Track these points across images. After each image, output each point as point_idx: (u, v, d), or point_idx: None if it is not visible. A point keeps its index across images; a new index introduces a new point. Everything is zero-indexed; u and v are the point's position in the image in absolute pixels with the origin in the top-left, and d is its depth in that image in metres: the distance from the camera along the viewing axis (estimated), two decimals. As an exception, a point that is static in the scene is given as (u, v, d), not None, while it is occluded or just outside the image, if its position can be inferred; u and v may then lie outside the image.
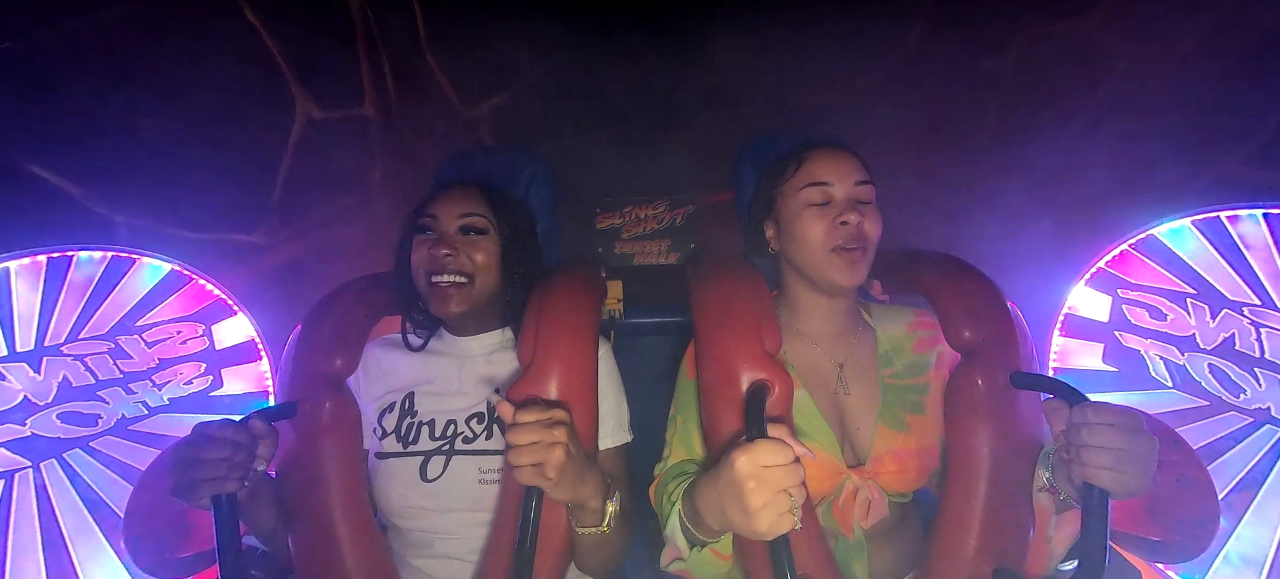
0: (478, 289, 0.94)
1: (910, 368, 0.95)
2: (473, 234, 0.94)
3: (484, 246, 0.94)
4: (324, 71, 1.44)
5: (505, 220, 0.97)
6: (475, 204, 0.96)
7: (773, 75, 1.67)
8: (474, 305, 0.94)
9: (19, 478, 1.07)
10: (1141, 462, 0.68)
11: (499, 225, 0.96)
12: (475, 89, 1.63)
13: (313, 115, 1.43)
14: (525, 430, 0.71)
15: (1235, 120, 1.33)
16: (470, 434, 0.93)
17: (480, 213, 0.95)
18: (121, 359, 1.17)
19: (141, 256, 1.20)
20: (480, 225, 0.95)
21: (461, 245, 0.93)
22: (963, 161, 1.65)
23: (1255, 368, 1.12)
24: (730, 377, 0.85)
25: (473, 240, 0.94)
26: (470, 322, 0.99)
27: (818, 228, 0.89)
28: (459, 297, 0.92)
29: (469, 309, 0.94)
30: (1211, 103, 1.36)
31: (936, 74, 1.60)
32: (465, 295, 0.93)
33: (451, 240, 0.93)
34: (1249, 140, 1.32)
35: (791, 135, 1.09)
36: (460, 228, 0.94)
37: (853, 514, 0.87)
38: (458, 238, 0.94)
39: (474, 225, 0.94)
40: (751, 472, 0.64)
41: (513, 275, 0.98)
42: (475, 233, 0.95)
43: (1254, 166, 1.32)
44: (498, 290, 0.98)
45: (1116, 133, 1.47)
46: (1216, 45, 1.34)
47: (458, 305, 0.92)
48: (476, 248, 0.94)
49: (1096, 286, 1.30)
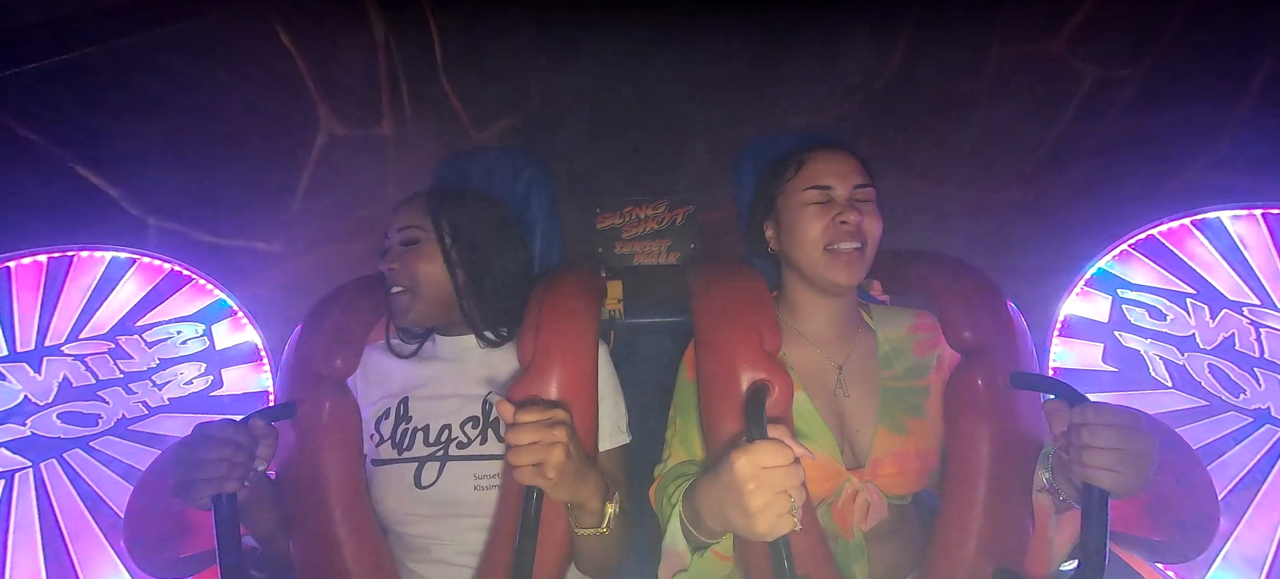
0: (423, 298, 0.94)
1: (910, 370, 0.95)
2: (409, 246, 0.95)
3: (419, 253, 0.94)
4: (347, 91, 1.52)
5: (447, 224, 0.96)
6: (413, 215, 0.96)
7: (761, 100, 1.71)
8: (426, 313, 0.95)
9: (19, 478, 1.07)
10: (1141, 462, 0.68)
11: (439, 231, 0.95)
12: (486, 112, 1.70)
13: (335, 132, 1.51)
14: (525, 430, 0.71)
15: (1196, 129, 1.39)
16: (464, 439, 0.93)
17: (416, 224, 0.95)
18: (121, 359, 1.17)
19: (141, 257, 1.20)
20: (414, 237, 0.95)
21: (402, 257, 0.94)
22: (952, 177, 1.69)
23: (1255, 368, 1.12)
24: (730, 377, 0.85)
25: (410, 251, 0.95)
26: (452, 322, 0.99)
27: (817, 226, 0.89)
28: (402, 306, 0.94)
29: (420, 317, 0.95)
30: (1173, 114, 1.41)
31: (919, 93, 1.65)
32: (409, 304, 0.94)
33: (394, 253, 0.95)
34: (1211, 147, 1.37)
35: (791, 136, 1.09)
36: (400, 240, 0.95)
37: (852, 516, 0.87)
38: (398, 250, 0.95)
39: (409, 238, 0.95)
40: (751, 473, 0.64)
41: (477, 276, 0.97)
42: (409, 244, 0.95)
43: (1218, 173, 1.37)
44: (447, 294, 0.96)
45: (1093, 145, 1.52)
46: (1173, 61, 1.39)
47: (404, 315, 0.94)
48: (415, 257, 0.94)
49: (1096, 287, 1.30)
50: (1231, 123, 1.34)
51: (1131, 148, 1.47)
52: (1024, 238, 1.55)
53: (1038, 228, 1.56)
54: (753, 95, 1.71)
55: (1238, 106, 1.33)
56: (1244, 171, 1.32)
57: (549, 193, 1.15)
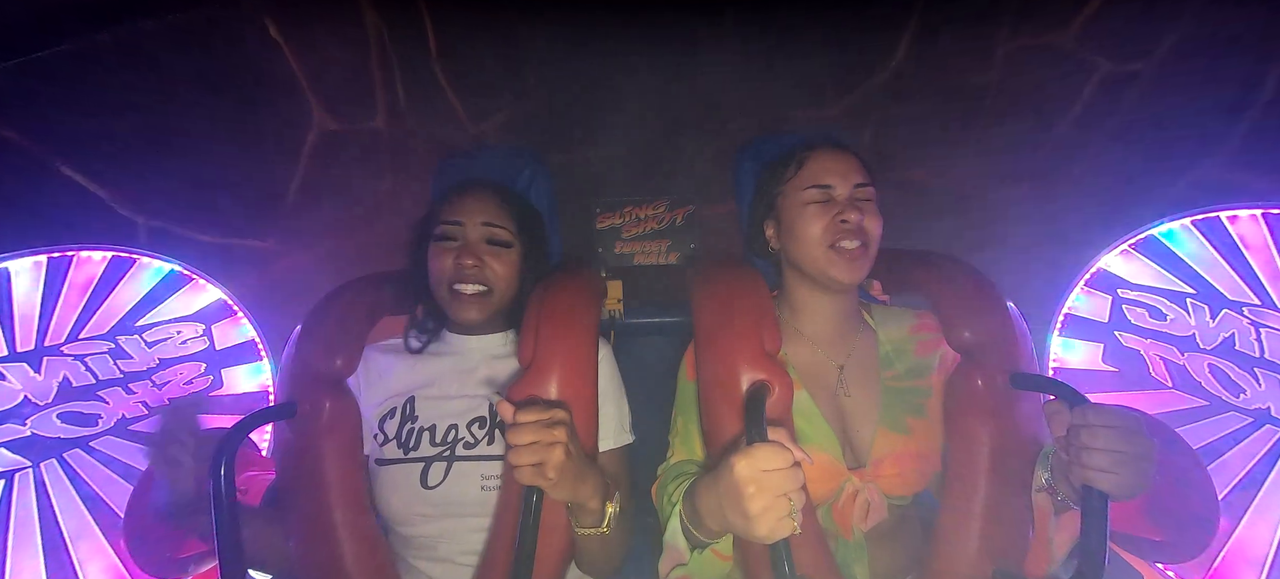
0: (496, 298, 0.95)
1: (912, 370, 0.95)
2: (497, 246, 0.95)
3: (506, 258, 0.95)
4: (339, 86, 1.50)
5: (526, 231, 0.98)
6: (499, 214, 0.96)
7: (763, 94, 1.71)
8: (490, 312, 0.96)
9: (19, 478, 1.07)
10: (1140, 465, 0.67)
11: (520, 236, 0.97)
12: (482, 104, 1.69)
13: (327, 127, 1.49)
14: (525, 430, 0.71)
15: (1206, 128, 1.38)
16: (471, 440, 0.93)
17: (504, 225, 0.95)
18: (121, 359, 1.17)
19: (141, 257, 1.20)
20: (505, 238, 0.95)
21: (486, 256, 0.94)
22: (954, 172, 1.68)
23: (1255, 368, 1.12)
24: (730, 377, 0.85)
25: (496, 252, 0.94)
26: (481, 324, 1.00)
27: (818, 224, 0.89)
28: (480, 305, 0.94)
29: (482, 314, 0.95)
30: (1183, 111, 1.40)
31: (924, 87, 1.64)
32: (486, 304, 0.94)
33: (476, 250, 0.93)
34: (1221, 146, 1.36)
35: (791, 135, 1.08)
36: (485, 238, 0.94)
37: (852, 516, 0.87)
38: (482, 247, 0.94)
39: (499, 238, 0.95)
40: (751, 477, 0.63)
41: (526, 282, 0.99)
42: (500, 245, 0.95)
43: (1226, 171, 1.36)
44: (514, 297, 0.99)
45: (1098, 142, 1.51)
46: (1184, 57, 1.38)
47: (478, 314, 0.94)
48: (499, 259, 0.94)
49: (1096, 286, 1.30)
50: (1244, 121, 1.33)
51: (1138, 145, 1.46)
52: (1025, 237, 1.55)
53: (1039, 227, 1.55)
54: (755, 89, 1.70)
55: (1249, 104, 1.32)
56: (1254, 171, 1.31)
57: (549, 191, 1.15)
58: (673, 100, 1.72)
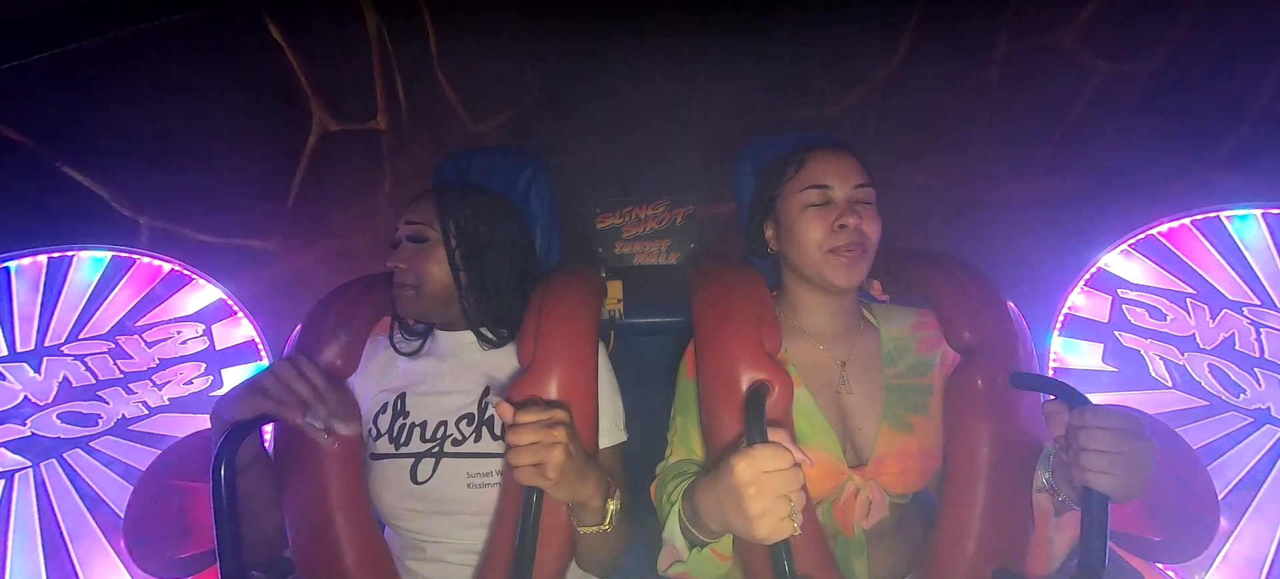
0: (427, 295, 0.95)
1: (914, 368, 0.95)
2: (415, 243, 0.96)
3: (426, 253, 0.96)
4: (341, 86, 1.51)
5: (453, 224, 0.97)
6: (422, 213, 0.97)
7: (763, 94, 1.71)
8: (428, 309, 0.96)
9: (19, 478, 1.07)
10: (1140, 466, 0.67)
11: (444, 230, 0.96)
12: (483, 104, 1.69)
13: (328, 128, 1.50)
14: (525, 431, 0.71)
15: (1206, 128, 1.39)
16: (459, 437, 0.93)
17: (423, 222, 0.96)
18: (121, 359, 1.17)
19: (141, 257, 1.20)
20: (422, 234, 0.96)
21: (411, 254, 0.95)
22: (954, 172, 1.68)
23: (1255, 368, 1.12)
24: (730, 377, 0.85)
25: (418, 249, 0.96)
26: (453, 319, 1.00)
27: (816, 230, 0.89)
28: (409, 302, 0.95)
29: (422, 312, 0.96)
30: (1183, 111, 1.41)
31: (924, 88, 1.65)
32: (415, 301, 0.95)
33: (403, 250, 0.96)
34: (1221, 146, 1.37)
35: (791, 135, 1.08)
36: (407, 237, 0.97)
37: (853, 514, 0.87)
38: (407, 246, 0.96)
39: (416, 234, 0.96)
40: (751, 478, 0.63)
41: (479, 277, 0.98)
42: (417, 241, 0.96)
43: (1225, 171, 1.37)
44: (448, 288, 0.97)
45: (1097, 142, 1.52)
46: (1184, 57, 1.39)
47: (409, 310, 0.96)
48: (419, 255, 0.95)
49: (1096, 287, 1.30)
50: (1244, 121, 1.34)
51: (1138, 145, 1.46)
52: (1025, 237, 1.55)
53: (1040, 226, 1.56)
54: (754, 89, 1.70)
55: (1249, 104, 1.33)
56: (1254, 171, 1.32)
57: (549, 192, 1.15)
58: (673, 100, 1.73)
